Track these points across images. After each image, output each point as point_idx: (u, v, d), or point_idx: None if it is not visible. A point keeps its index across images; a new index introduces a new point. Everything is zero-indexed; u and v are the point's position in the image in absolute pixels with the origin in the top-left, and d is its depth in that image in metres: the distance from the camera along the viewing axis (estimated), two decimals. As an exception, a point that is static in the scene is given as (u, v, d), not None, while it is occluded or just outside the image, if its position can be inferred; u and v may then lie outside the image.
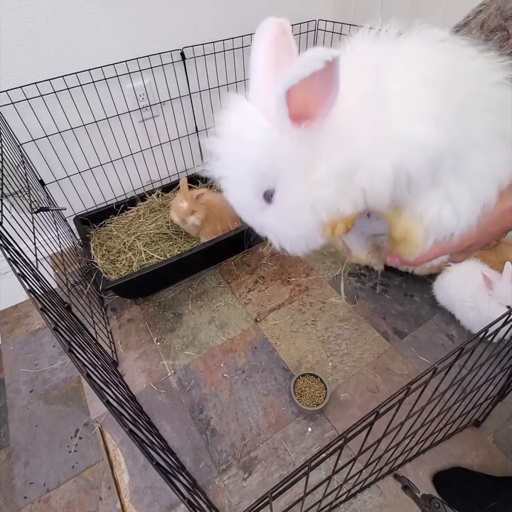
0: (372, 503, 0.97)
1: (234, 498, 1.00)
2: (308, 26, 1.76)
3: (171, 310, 1.47)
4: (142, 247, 1.55)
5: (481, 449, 1.05)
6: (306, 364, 1.26)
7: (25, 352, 1.38)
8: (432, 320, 1.37)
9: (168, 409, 1.19)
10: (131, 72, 1.44)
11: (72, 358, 0.58)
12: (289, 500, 0.96)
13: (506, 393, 1.00)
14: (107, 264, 1.50)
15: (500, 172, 0.41)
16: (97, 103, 1.44)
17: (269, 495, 0.43)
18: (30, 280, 0.71)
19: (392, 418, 0.53)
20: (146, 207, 1.74)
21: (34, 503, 1.03)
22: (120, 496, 1.03)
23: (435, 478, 1.00)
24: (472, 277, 1.24)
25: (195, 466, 1.07)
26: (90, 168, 1.58)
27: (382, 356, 1.27)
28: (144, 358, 1.32)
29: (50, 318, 0.64)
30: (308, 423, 1.13)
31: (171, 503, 1.00)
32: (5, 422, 1.19)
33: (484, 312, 1.18)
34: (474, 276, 1.23)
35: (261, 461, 1.06)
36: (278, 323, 1.39)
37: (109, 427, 1.16)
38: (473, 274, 1.25)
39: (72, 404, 1.23)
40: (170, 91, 1.58)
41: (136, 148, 1.66)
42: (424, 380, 0.48)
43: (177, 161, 1.82)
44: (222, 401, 1.19)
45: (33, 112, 1.32)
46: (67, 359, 1.35)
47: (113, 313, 1.48)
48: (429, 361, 1.25)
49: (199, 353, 1.32)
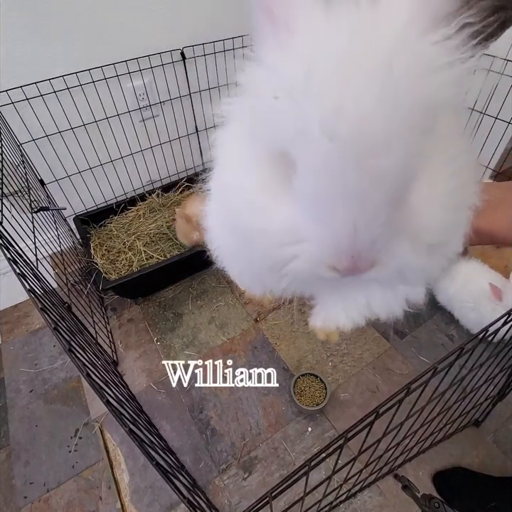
0: (372, 503, 0.97)
1: (234, 497, 1.00)
2: (309, 26, 1.76)
3: (171, 310, 1.47)
4: (142, 247, 1.55)
5: (481, 448, 1.05)
6: (306, 364, 1.26)
7: (25, 352, 1.38)
8: (432, 320, 1.37)
9: (168, 409, 1.19)
10: (131, 71, 1.44)
11: (72, 358, 0.58)
12: (289, 500, 0.96)
13: (506, 393, 1.00)
14: (107, 263, 1.49)
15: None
16: (97, 103, 1.44)
17: (269, 495, 0.43)
18: (30, 280, 0.71)
19: (392, 418, 0.52)
20: (146, 207, 1.74)
21: (34, 502, 1.03)
22: (120, 496, 1.03)
23: (435, 478, 1.00)
24: (473, 278, 1.24)
25: (195, 465, 1.07)
26: (90, 167, 1.58)
27: (382, 356, 1.27)
28: (144, 357, 1.32)
29: (50, 318, 0.64)
30: (308, 423, 1.13)
31: (171, 503, 1.00)
32: (5, 421, 1.19)
33: (487, 315, 1.17)
34: (476, 277, 1.23)
35: (261, 461, 1.06)
36: (278, 323, 1.39)
37: (109, 427, 1.16)
38: (474, 274, 1.24)
39: (72, 404, 1.23)
40: (170, 91, 1.58)
41: (136, 148, 1.66)
42: (424, 379, 0.48)
43: (177, 161, 1.81)
44: (222, 401, 1.19)
45: (33, 111, 1.32)
46: (67, 359, 1.35)
47: (113, 313, 1.48)
48: (429, 361, 1.25)
49: (199, 353, 1.32)
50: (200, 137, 1.77)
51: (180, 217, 1.44)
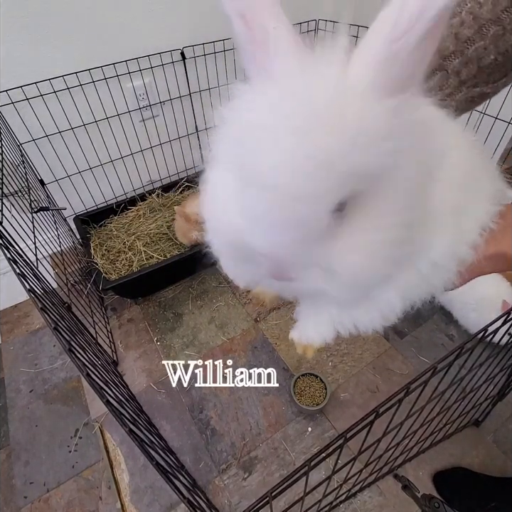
0: (372, 503, 0.97)
1: (234, 497, 1.00)
2: (309, 26, 1.76)
3: (171, 310, 1.47)
4: (142, 247, 1.55)
5: (481, 448, 1.05)
6: (306, 364, 1.26)
7: (25, 352, 1.38)
8: (432, 320, 1.37)
9: (168, 408, 1.19)
10: (131, 71, 1.44)
11: (72, 358, 0.58)
12: (289, 500, 0.96)
13: (506, 393, 1.00)
14: (107, 263, 1.50)
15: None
16: (97, 103, 1.44)
17: (269, 494, 0.43)
18: (30, 280, 0.71)
19: (391, 418, 0.52)
20: (146, 207, 1.74)
21: (34, 502, 1.03)
22: (120, 496, 1.03)
23: (435, 478, 1.00)
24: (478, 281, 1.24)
25: (195, 465, 1.07)
26: (90, 167, 1.58)
27: (382, 356, 1.27)
28: (144, 357, 1.32)
29: (50, 318, 0.64)
30: (308, 423, 1.13)
31: (171, 503, 1.00)
32: (5, 421, 1.19)
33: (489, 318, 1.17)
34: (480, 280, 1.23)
35: (261, 461, 1.06)
36: (278, 323, 1.39)
37: (109, 427, 1.16)
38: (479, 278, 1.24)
39: (72, 403, 1.23)
40: (170, 91, 1.58)
41: (136, 148, 1.66)
42: (424, 379, 0.48)
43: (177, 161, 1.82)
44: (222, 401, 1.19)
45: (33, 111, 1.32)
46: (67, 359, 1.35)
47: (113, 313, 1.48)
48: (429, 361, 1.25)
49: (199, 353, 1.32)
50: (200, 137, 1.77)
51: (179, 216, 1.44)
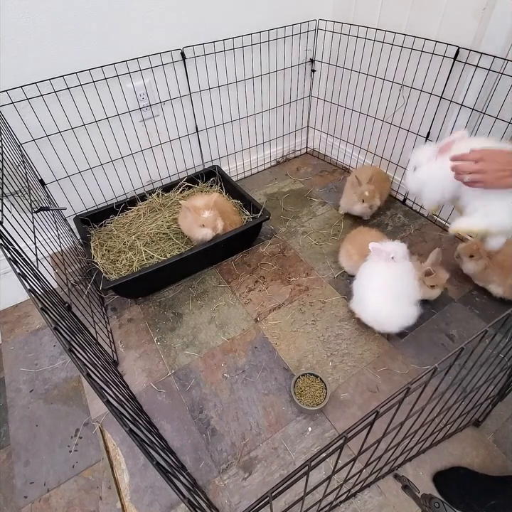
0: (372, 503, 0.97)
1: (234, 497, 1.00)
2: (309, 26, 1.76)
3: (171, 310, 1.47)
4: (142, 247, 1.55)
5: (481, 448, 1.05)
6: (306, 364, 1.26)
7: (25, 351, 1.38)
8: (432, 320, 1.37)
9: (168, 408, 1.19)
10: (131, 71, 1.44)
11: (72, 358, 0.58)
12: (289, 499, 0.96)
13: (506, 393, 1.00)
14: (107, 263, 1.50)
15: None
16: (97, 103, 1.44)
17: (269, 494, 0.43)
18: (30, 280, 0.71)
19: (392, 418, 0.53)
20: (147, 207, 1.74)
21: (34, 502, 1.03)
22: (120, 496, 1.03)
23: (435, 478, 1.00)
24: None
25: (195, 465, 1.07)
26: (90, 167, 1.58)
27: (382, 356, 1.27)
28: (144, 357, 1.32)
29: (50, 318, 0.64)
30: (308, 423, 1.13)
31: (171, 503, 1.00)
32: (5, 421, 1.20)
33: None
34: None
35: (261, 461, 1.06)
36: (278, 323, 1.39)
37: (109, 427, 1.16)
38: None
39: (72, 403, 1.23)
40: (170, 91, 1.59)
41: (136, 148, 1.66)
42: (424, 379, 0.48)
43: (177, 161, 1.82)
44: (222, 401, 1.19)
45: (33, 111, 1.32)
46: (67, 359, 1.35)
47: (113, 313, 1.48)
48: (429, 361, 1.25)
49: (199, 353, 1.32)
50: (200, 137, 1.78)
51: (186, 208, 1.44)
